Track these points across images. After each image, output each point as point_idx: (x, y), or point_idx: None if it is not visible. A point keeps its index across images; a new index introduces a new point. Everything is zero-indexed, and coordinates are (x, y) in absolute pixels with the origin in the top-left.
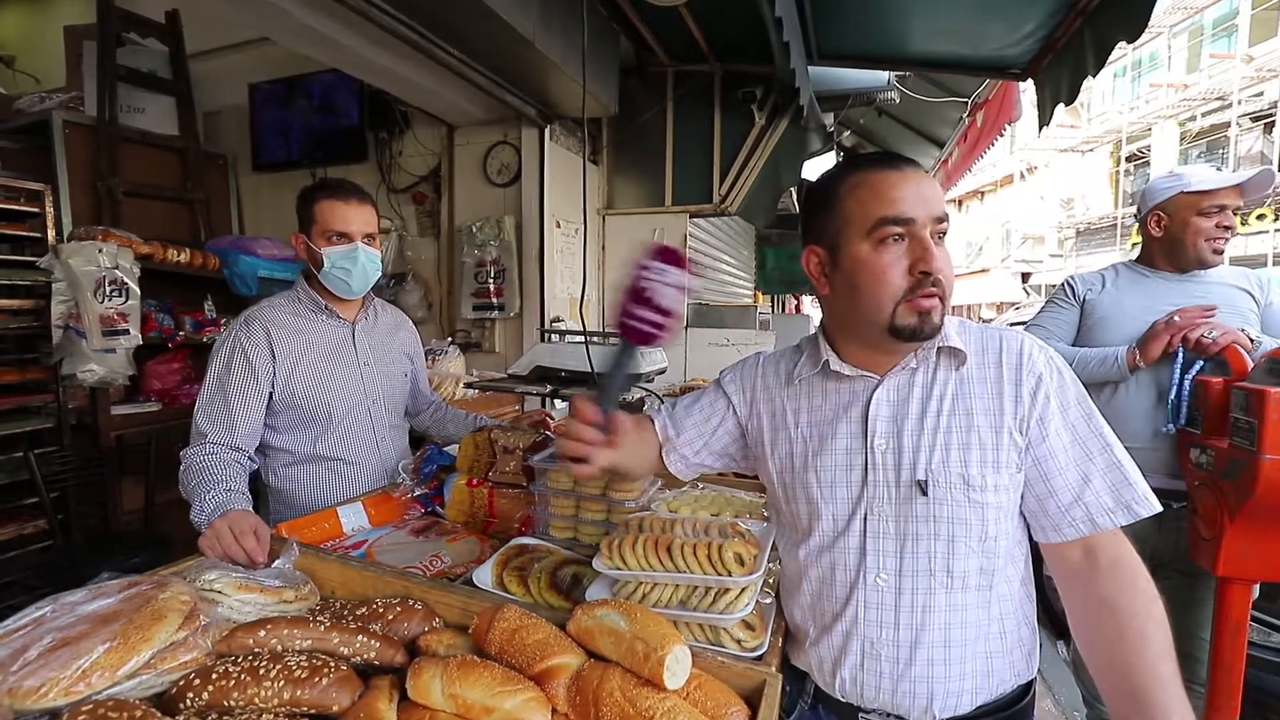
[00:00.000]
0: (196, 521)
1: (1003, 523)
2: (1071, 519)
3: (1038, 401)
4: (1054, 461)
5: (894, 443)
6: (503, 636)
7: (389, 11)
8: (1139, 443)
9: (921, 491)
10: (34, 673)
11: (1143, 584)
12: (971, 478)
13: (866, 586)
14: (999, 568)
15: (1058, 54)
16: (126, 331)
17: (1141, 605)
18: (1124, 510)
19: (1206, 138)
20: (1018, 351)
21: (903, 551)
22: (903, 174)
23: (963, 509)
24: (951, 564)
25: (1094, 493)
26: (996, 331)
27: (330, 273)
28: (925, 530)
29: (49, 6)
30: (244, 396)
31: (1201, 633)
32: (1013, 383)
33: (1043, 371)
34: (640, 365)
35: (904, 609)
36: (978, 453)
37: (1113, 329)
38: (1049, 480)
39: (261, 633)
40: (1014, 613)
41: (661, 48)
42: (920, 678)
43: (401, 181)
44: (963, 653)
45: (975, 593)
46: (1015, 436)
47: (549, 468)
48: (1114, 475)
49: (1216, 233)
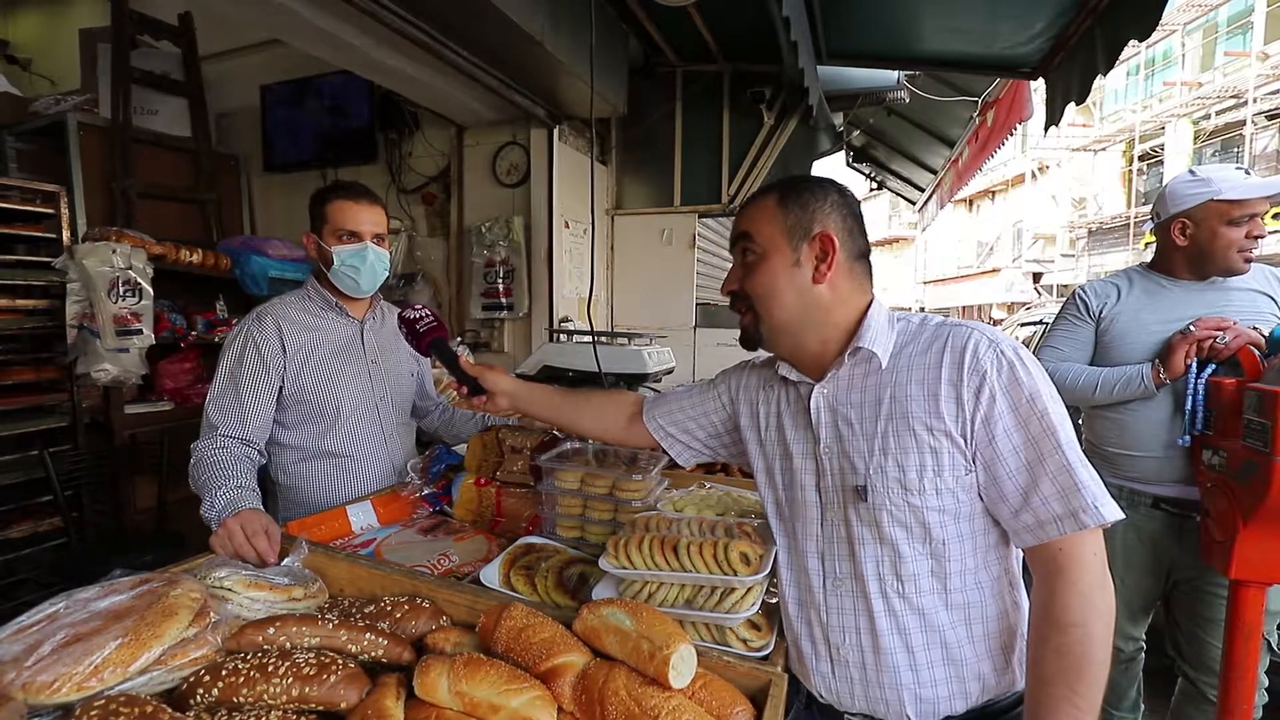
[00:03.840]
0: (207, 517)
1: (951, 526)
2: (1024, 525)
3: (981, 402)
4: (1003, 465)
5: (836, 447)
6: (509, 635)
7: (399, 13)
8: (1155, 452)
9: (861, 496)
10: (47, 668)
11: (1057, 610)
12: (909, 482)
13: (827, 591)
14: (955, 571)
15: (1069, 52)
16: (140, 331)
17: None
18: (1071, 518)
19: (1221, 136)
20: (960, 349)
21: (853, 555)
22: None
23: (902, 513)
24: (899, 568)
25: (1042, 498)
26: (946, 329)
27: (339, 270)
28: (870, 534)
29: (64, 10)
30: (255, 390)
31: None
32: (952, 383)
33: (988, 370)
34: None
35: (861, 613)
36: (915, 457)
37: (1132, 344)
38: (999, 484)
39: (271, 630)
40: (993, 617)
41: (670, 48)
42: (888, 684)
43: (411, 182)
44: (928, 657)
45: (932, 596)
46: (957, 439)
47: (556, 467)
48: (1064, 480)
49: (1247, 243)
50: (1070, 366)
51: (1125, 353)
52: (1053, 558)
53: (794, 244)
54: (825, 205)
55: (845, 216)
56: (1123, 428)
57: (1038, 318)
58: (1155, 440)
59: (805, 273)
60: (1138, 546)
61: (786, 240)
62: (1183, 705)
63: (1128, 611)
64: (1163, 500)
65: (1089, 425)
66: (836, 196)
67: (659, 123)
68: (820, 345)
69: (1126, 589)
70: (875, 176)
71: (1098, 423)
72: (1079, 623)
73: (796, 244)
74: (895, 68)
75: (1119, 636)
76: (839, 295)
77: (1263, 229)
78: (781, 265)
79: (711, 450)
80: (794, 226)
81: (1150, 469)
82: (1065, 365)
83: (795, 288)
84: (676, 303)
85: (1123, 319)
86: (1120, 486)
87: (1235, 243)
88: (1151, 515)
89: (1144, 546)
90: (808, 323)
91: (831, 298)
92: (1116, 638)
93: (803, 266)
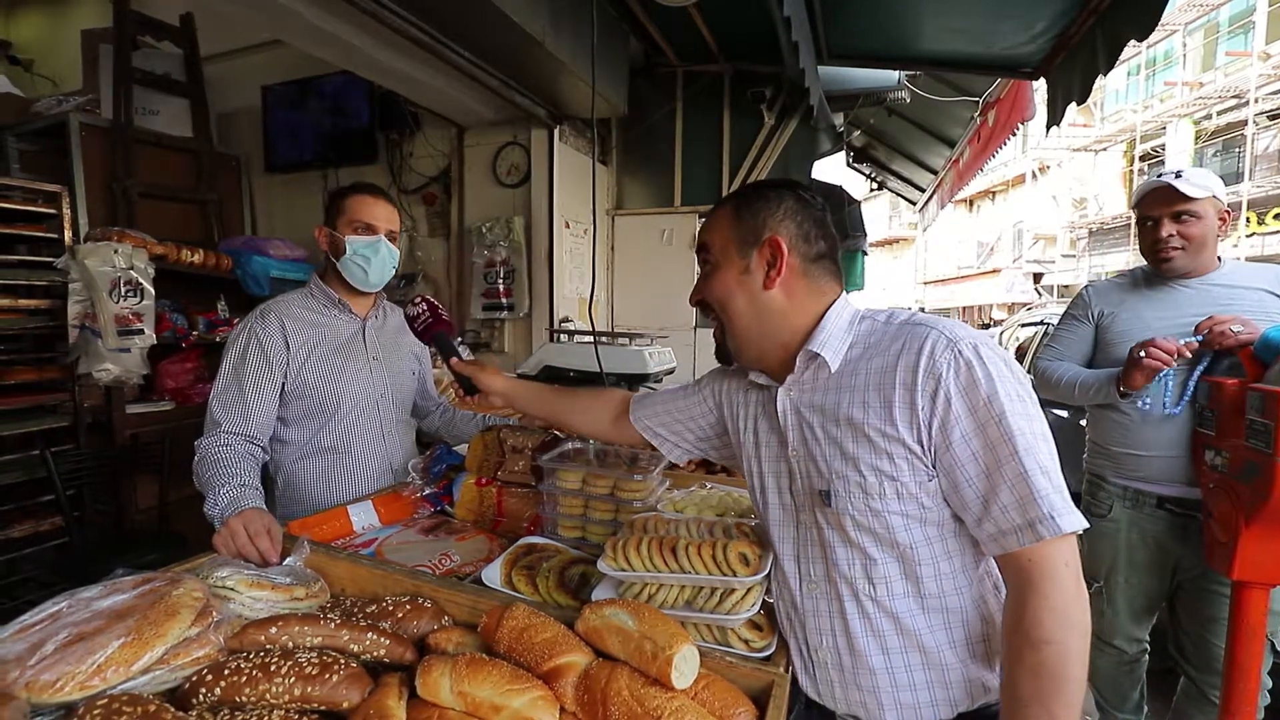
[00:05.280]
0: (210, 515)
1: (918, 529)
2: (987, 534)
3: (938, 406)
4: (962, 471)
5: (803, 450)
6: (511, 635)
7: (399, 13)
8: (1160, 452)
9: (825, 501)
10: (50, 667)
11: (1029, 625)
12: (869, 486)
13: (804, 594)
14: (929, 575)
15: (1070, 52)
16: (141, 331)
17: (1018, 642)
18: (1029, 530)
19: (1222, 136)
20: (916, 352)
21: (826, 559)
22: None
23: (865, 518)
24: (870, 570)
25: (1001, 507)
26: (906, 330)
27: (350, 260)
28: (838, 537)
29: (66, 10)
30: (259, 386)
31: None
32: (906, 387)
33: (944, 372)
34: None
35: (836, 615)
36: (870, 462)
37: (1134, 341)
38: (959, 491)
39: (273, 629)
40: (976, 620)
41: (671, 48)
42: (866, 687)
43: (412, 182)
44: (905, 660)
45: (906, 600)
46: (911, 446)
47: (558, 467)
48: (1020, 488)
49: (1160, 245)
50: (1059, 365)
51: (1126, 350)
52: (1022, 569)
53: (743, 252)
54: (778, 211)
55: (801, 221)
56: (1127, 427)
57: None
58: (1160, 440)
59: (756, 279)
60: (1141, 547)
61: (737, 249)
62: (1184, 706)
63: (1131, 612)
64: (1167, 500)
65: (1093, 425)
66: (791, 202)
67: (660, 123)
68: (783, 350)
69: (1130, 589)
70: (876, 177)
71: (1102, 422)
72: (1054, 639)
73: (746, 251)
74: (896, 68)
75: (1122, 638)
76: (794, 300)
77: (1160, 233)
78: (732, 273)
79: (701, 450)
80: (744, 235)
81: (1155, 469)
82: (1056, 364)
83: (747, 294)
84: (677, 303)
85: (1124, 317)
86: (1125, 486)
87: (1149, 246)
88: (1156, 515)
89: (1148, 547)
90: (766, 330)
91: (786, 303)
92: (1120, 640)
93: (753, 273)
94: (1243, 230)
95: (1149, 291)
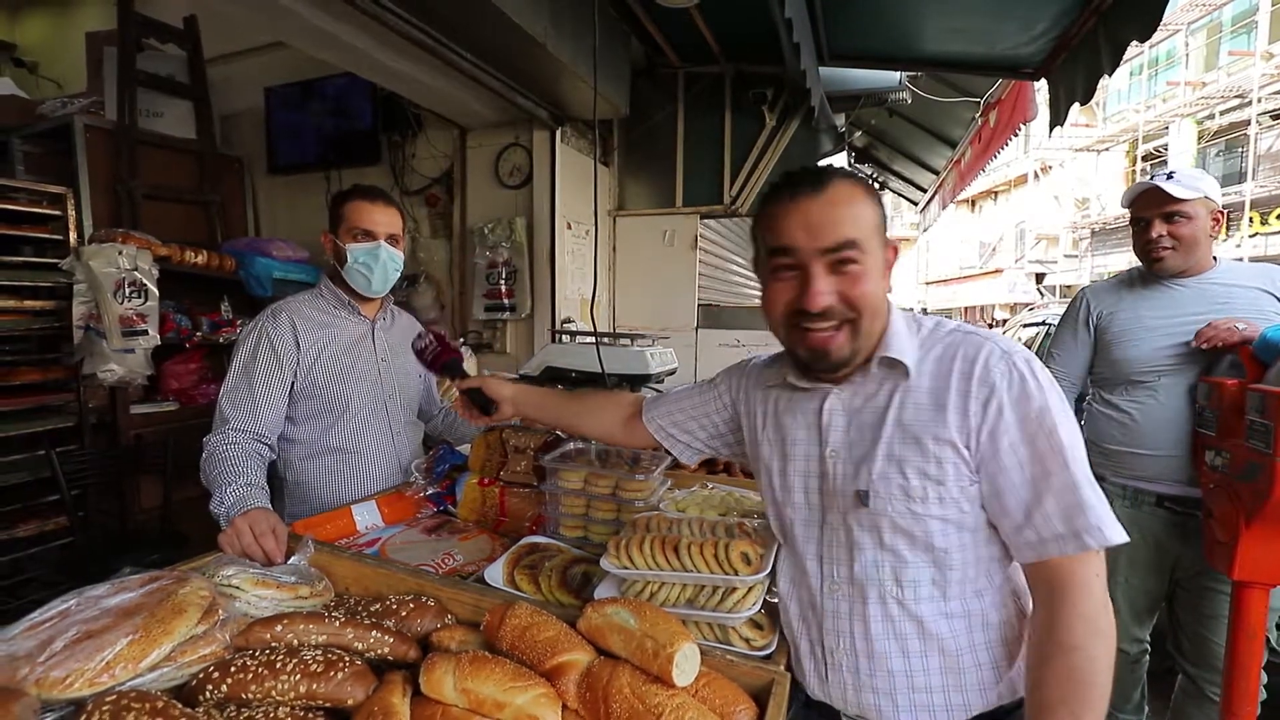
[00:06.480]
0: (215, 513)
1: (954, 535)
2: (1025, 541)
3: (989, 414)
4: (1006, 478)
5: (844, 452)
6: (514, 633)
7: (402, 15)
8: (1160, 450)
9: (863, 502)
10: (60, 664)
11: (1061, 632)
12: (911, 489)
13: (824, 594)
14: (957, 579)
15: (1072, 53)
16: (145, 332)
17: (1049, 649)
18: (1074, 539)
19: (1225, 136)
20: (972, 360)
21: (852, 560)
22: (793, 202)
23: (904, 520)
24: (900, 573)
25: (1044, 516)
26: (960, 338)
27: (353, 268)
28: (870, 540)
29: (71, 13)
30: (268, 384)
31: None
32: (960, 393)
33: (997, 382)
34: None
35: (857, 618)
36: (918, 465)
37: (1133, 343)
38: (1001, 498)
39: (278, 628)
40: (995, 625)
41: (672, 49)
42: (882, 690)
43: (414, 183)
44: (924, 664)
45: (930, 604)
46: (961, 450)
47: (560, 467)
48: (1068, 498)
49: (1150, 245)
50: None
51: (1126, 349)
52: (1054, 576)
53: (883, 243)
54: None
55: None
56: (1127, 425)
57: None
58: (1160, 438)
59: (884, 275)
60: (1141, 545)
61: (879, 241)
62: (1183, 703)
63: (1132, 612)
64: (1166, 499)
65: (1090, 423)
66: None
67: (661, 124)
68: (866, 352)
69: (1131, 589)
70: (877, 177)
71: (1100, 420)
72: (1082, 646)
73: (884, 242)
74: (897, 68)
75: (1123, 638)
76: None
77: (1151, 234)
78: (878, 268)
79: (713, 449)
80: (882, 223)
81: (1154, 467)
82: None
83: (883, 292)
84: (679, 304)
85: (1122, 316)
86: (1124, 485)
87: (1141, 246)
88: (1155, 514)
89: (1147, 545)
90: (875, 329)
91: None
92: (1121, 639)
93: (885, 268)
94: (1245, 230)
95: (1146, 291)
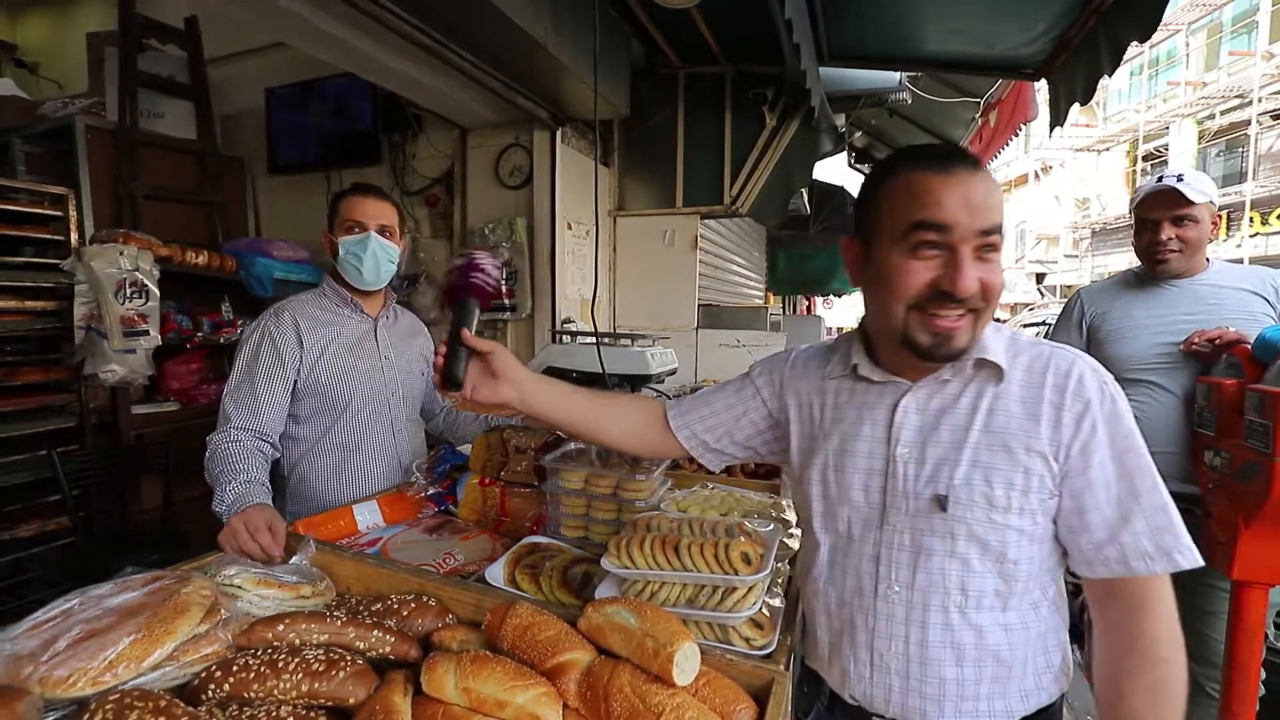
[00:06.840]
0: (217, 511)
1: (1026, 547)
2: (1105, 558)
3: (1082, 429)
4: (1092, 495)
5: (917, 453)
6: (515, 633)
7: (402, 16)
8: (1159, 448)
9: (940, 507)
10: (63, 663)
11: (1146, 644)
12: (995, 498)
13: (878, 596)
14: (1018, 591)
15: (1072, 53)
16: (146, 332)
17: (1134, 661)
18: (1164, 558)
19: (1225, 136)
20: (1065, 374)
21: (916, 565)
22: (949, 175)
23: (982, 528)
24: (966, 583)
25: (1132, 534)
26: (1048, 349)
27: (344, 260)
28: (941, 546)
29: (72, 13)
30: (271, 383)
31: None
32: (1054, 405)
33: (1092, 397)
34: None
35: (914, 623)
36: (1004, 473)
37: (1125, 341)
38: (1084, 514)
39: (280, 627)
40: (1039, 636)
41: (672, 50)
42: (931, 695)
43: (415, 184)
44: (977, 673)
45: (990, 614)
46: (1050, 462)
47: (561, 467)
48: (1159, 519)
49: (1155, 248)
50: None
51: (1118, 347)
52: (1135, 592)
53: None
54: None
55: None
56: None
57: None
58: (1156, 436)
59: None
60: None
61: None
62: None
63: None
64: None
65: None
66: None
67: (661, 124)
68: None
69: None
70: None
71: None
72: (1170, 658)
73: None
74: (897, 69)
75: None
76: None
77: (1160, 235)
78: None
79: (750, 450)
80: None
81: (1159, 464)
82: None
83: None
84: (679, 304)
85: (1115, 316)
86: None
87: (1145, 247)
88: None
89: None
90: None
91: None
92: None
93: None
94: (1245, 230)
95: (1139, 291)
